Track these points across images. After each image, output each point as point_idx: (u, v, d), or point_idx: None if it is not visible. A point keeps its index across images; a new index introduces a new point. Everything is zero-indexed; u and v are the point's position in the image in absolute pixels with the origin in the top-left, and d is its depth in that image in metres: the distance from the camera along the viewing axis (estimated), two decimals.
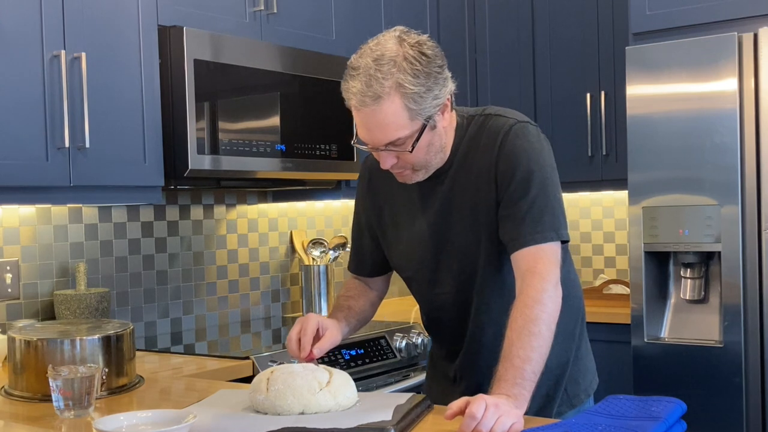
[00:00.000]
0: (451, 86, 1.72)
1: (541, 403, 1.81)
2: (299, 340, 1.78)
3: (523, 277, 1.66)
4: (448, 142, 1.77)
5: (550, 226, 1.69)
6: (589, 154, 3.55)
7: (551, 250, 1.68)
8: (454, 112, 1.79)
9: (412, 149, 1.66)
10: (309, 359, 1.77)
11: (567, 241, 1.75)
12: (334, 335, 1.81)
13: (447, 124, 1.73)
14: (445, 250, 1.81)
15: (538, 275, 1.64)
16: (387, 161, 1.70)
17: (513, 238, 1.69)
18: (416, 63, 1.62)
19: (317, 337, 1.80)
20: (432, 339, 2.02)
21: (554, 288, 1.64)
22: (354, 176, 3.05)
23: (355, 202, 2.00)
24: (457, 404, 1.46)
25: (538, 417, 1.81)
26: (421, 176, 1.76)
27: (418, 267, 1.86)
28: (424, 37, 1.67)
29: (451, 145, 1.78)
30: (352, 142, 1.74)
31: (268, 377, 1.61)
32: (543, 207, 1.70)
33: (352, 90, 1.63)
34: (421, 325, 2.20)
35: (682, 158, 2.92)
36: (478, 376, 1.84)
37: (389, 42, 1.63)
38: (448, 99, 1.71)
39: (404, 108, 1.62)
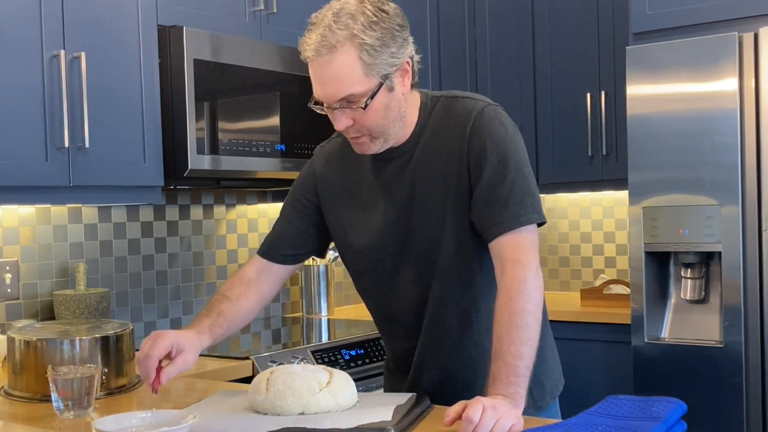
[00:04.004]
0: (411, 51, 1.69)
1: None
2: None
3: (504, 267, 1.62)
4: (409, 113, 1.72)
5: (532, 208, 1.65)
6: (590, 154, 3.55)
7: (531, 235, 1.64)
8: (417, 92, 1.76)
9: (365, 106, 1.61)
10: (155, 386, 1.62)
11: (543, 223, 1.70)
12: (186, 360, 1.66)
13: (407, 91, 1.69)
14: (408, 237, 1.75)
15: (519, 264, 1.60)
16: (341, 121, 1.64)
17: (494, 223, 1.64)
18: (373, 16, 1.60)
19: (168, 357, 1.67)
20: (386, 342, 1.95)
21: (536, 275, 1.61)
22: None
23: (297, 183, 1.90)
24: (454, 409, 1.44)
25: (539, 417, 1.82)
26: (378, 145, 1.70)
27: (380, 255, 1.79)
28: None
29: (415, 124, 1.74)
30: (308, 104, 1.68)
31: (267, 377, 1.61)
32: (523, 190, 1.65)
33: (308, 42, 1.61)
34: None
35: (683, 158, 2.91)
36: (439, 369, 1.80)
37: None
38: (407, 63, 1.68)
39: (359, 60, 1.58)
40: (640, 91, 2.99)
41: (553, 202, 4.04)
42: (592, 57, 3.55)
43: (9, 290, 2.61)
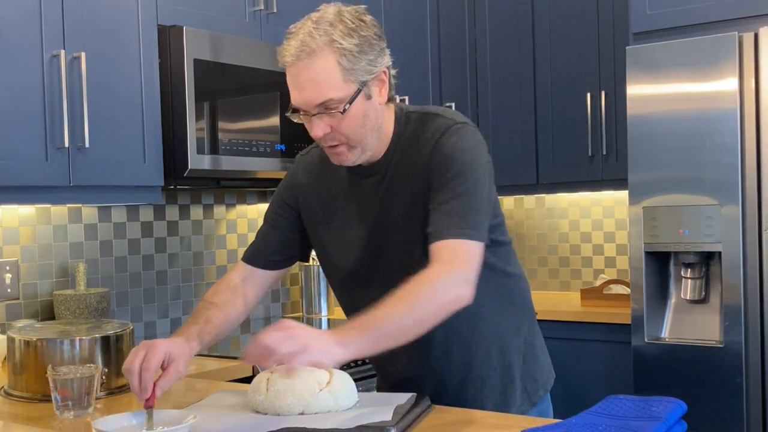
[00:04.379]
0: (388, 62, 1.69)
1: (498, 402, 1.80)
2: (140, 373, 1.57)
3: (432, 263, 1.60)
4: (385, 127, 1.73)
5: (474, 224, 1.62)
6: (590, 154, 3.55)
7: (470, 249, 1.61)
8: (393, 105, 1.76)
9: (344, 111, 1.62)
10: (150, 402, 1.53)
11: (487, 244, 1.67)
12: (179, 370, 1.62)
13: (383, 101, 1.70)
14: (381, 251, 1.75)
15: (447, 265, 1.58)
16: (319, 128, 1.64)
17: (435, 230, 1.63)
18: (352, 24, 1.62)
19: (161, 368, 1.61)
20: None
21: (456, 281, 1.57)
22: None
23: (279, 189, 1.91)
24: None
25: (535, 411, 1.82)
26: (355, 156, 1.70)
27: (353, 268, 1.79)
28: (364, 11, 1.68)
29: (391, 137, 1.74)
30: (286, 113, 1.69)
31: (268, 378, 1.61)
32: (469, 206, 1.63)
33: (287, 48, 1.63)
34: None
35: (683, 158, 2.91)
36: (428, 378, 1.81)
37: (328, 8, 1.65)
38: (384, 73, 1.68)
39: (337, 65, 1.60)
40: (640, 91, 2.99)
41: (553, 202, 4.04)
42: (592, 57, 3.55)
43: (9, 290, 2.61)
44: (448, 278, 1.57)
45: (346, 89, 1.62)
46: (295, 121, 1.70)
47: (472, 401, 1.76)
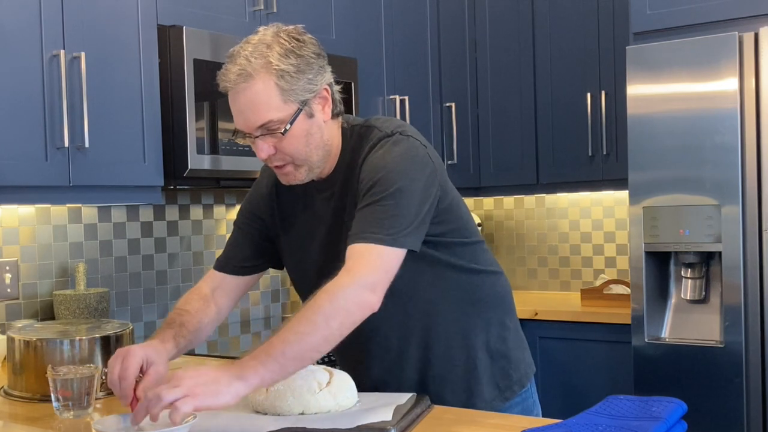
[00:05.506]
0: (329, 79, 1.70)
1: (463, 398, 1.80)
2: (120, 382, 1.58)
3: (339, 271, 1.59)
4: (333, 143, 1.74)
5: (389, 230, 1.59)
6: (590, 153, 3.55)
7: (380, 254, 1.58)
8: (340, 120, 1.77)
9: (285, 131, 1.63)
10: (134, 405, 1.55)
11: (413, 251, 1.65)
12: (159, 372, 1.62)
13: (327, 118, 1.70)
14: (333, 265, 1.68)
15: (349, 273, 1.57)
16: (263, 150, 1.65)
17: (351, 233, 1.63)
18: (287, 44, 1.63)
19: (141, 372, 1.62)
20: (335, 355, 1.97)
21: (359, 289, 1.55)
22: None
23: (248, 197, 1.92)
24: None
25: (508, 405, 1.82)
26: (303, 174, 1.71)
27: (308, 280, 1.79)
28: (303, 29, 1.69)
29: (338, 154, 1.76)
30: (230, 137, 1.71)
31: None
32: (386, 212, 1.61)
33: (226, 74, 1.64)
34: None
35: (683, 158, 2.91)
36: (392, 380, 1.81)
37: (267, 31, 1.66)
38: (326, 91, 1.69)
39: (275, 87, 1.61)
40: (640, 91, 2.99)
41: (553, 202, 4.04)
42: (592, 57, 3.55)
43: (9, 290, 2.61)
44: (349, 288, 1.54)
45: (286, 109, 1.63)
46: (240, 143, 1.71)
47: (434, 399, 1.76)
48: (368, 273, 1.57)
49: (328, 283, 1.56)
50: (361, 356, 1.84)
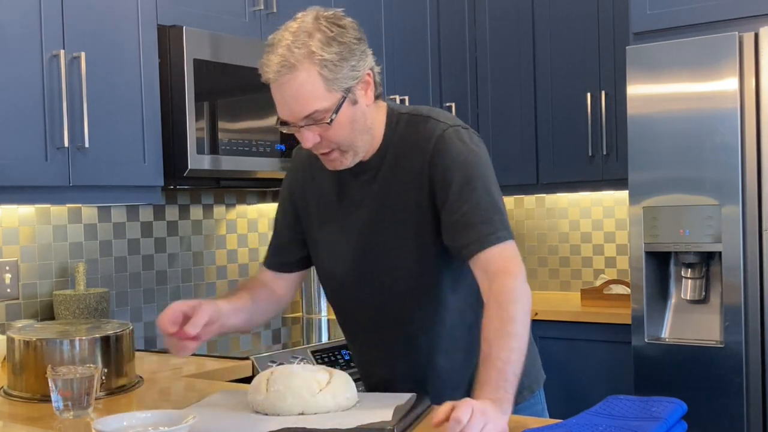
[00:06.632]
0: (371, 63, 1.68)
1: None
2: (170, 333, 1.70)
3: (491, 279, 1.62)
4: (376, 126, 1.72)
5: (501, 225, 1.65)
6: (590, 153, 3.55)
7: (509, 248, 1.65)
8: (384, 103, 1.76)
9: (331, 121, 1.62)
10: (182, 336, 1.67)
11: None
12: (203, 308, 1.70)
13: (370, 102, 1.69)
14: (371, 251, 1.75)
15: (507, 274, 1.61)
16: (309, 139, 1.65)
17: (469, 242, 1.64)
18: (329, 31, 1.61)
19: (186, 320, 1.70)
20: (350, 346, 1.97)
21: (524, 284, 1.62)
22: None
23: (281, 190, 1.93)
24: (443, 409, 1.42)
25: (539, 417, 1.82)
26: (349, 159, 1.70)
27: (341, 266, 1.81)
28: (342, 14, 1.67)
29: (382, 137, 1.74)
30: (275, 125, 1.70)
31: (267, 378, 1.60)
32: (490, 209, 1.65)
33: (268, 64, 1.62)
34: None
35: (683, 158, 2.91)
36: (412, 384, 1.79)
37: (306, 17, 1.64)
38: (368, 75, 1.67)
39: (319, 76, 1.59)
40: (640, 91, 2.98)
41: (553, 202, 4.04)
42: (592, 57, 3.55)
43: (9, 290, 2.61)
44: (517, 288, 1.61)
45: (331, 99, 1.62)
46: (285, 132, 1.71)
47: (442, 400, 1.75)
48: (519, 268, 1.64)
49: (496, 289, 1.59)
50: (386, 357, 1.83)
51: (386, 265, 1.75)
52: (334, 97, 1.62)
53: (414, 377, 1.81)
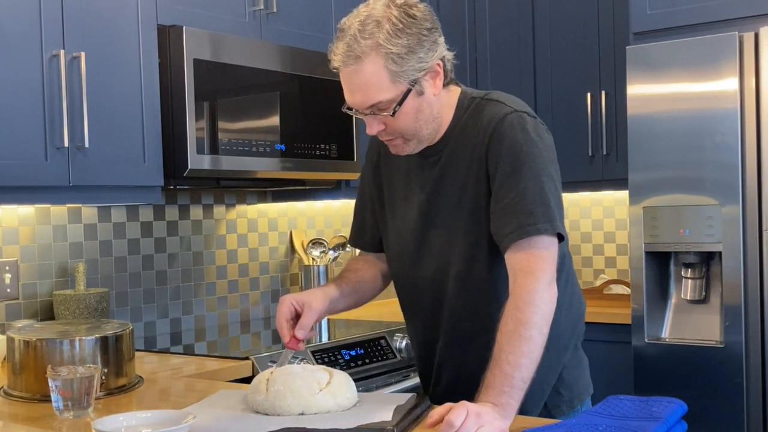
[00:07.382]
0: (442, 52, 1.67)
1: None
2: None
3: (515, 277, 1.58)
4: (443, 113, 1.71)
5: (543, 218, 1.58)
6: (590, 153, 3.55)
7: (545, 244, 1.58)
8: (457, 88, 1.75)
9: (394, 113, 1.61)
10: (295, 344, 1.74)
11: (563, 238, 1.64)
12: (312, 308, 1.74)
13: (438, 92, 1.67)
14: (430, 232, 1.75)
15: (530, 274, 1.56)
16: (373, 126, 1.65)
17: (505, 233, 1.60)
18: (399, 23, 1.59)
19: (298, 317, 1.75)
20: (408, 327, 1.94)
21: (547, 288, 1.56)
22: (354, 176, 3.05)
23: (362, 173, 1.95)
24: (438, 411, 1.41)
25: (538, 417, 1.81)
26: (413, 147, 1.70)
27: (404, 246, 1.81)
28: (415, 1, 1.64)
29: (450, 122, 1.73)
30: (342, 108, 1.70)
31: (267, 378, 1.61)
32: (535, 199, 1.60)
33: (335, 51, 1.62)
34: None
35: (683, 158, 2.91)
36: (458, 369, 1.78)
37: (378, 3, 1.62)
38: (438, 65, 1.66)
39: (385, 69, 1.58)
40: (640, 90, 2.98)
41: None
42: (592, 57, 3.55)
43: (8, 290, 2.61)
44: (538, 291, 1.54)
45: (395, 90, 1.61)
46: (352, 116, 1.71)
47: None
48: (545, 269, 1.57)
49: (516, 289, 1.55)
50: (435, 337, 1.82)
51: (441, 249, 1.75)
52: (399, 89, 1.61)
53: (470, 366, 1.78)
